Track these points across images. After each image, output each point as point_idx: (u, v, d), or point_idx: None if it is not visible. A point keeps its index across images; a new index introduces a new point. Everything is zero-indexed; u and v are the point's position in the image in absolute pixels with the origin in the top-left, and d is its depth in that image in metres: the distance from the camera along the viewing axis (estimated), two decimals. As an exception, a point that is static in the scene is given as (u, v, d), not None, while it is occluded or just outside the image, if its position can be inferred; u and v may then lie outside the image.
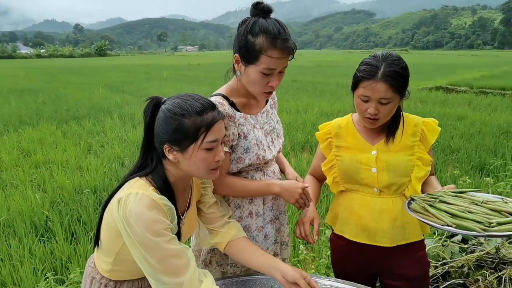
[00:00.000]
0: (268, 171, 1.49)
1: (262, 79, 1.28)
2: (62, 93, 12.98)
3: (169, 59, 53.44)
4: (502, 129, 6.60)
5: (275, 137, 1.51)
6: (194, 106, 1.07)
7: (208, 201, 1.33)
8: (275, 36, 1.22)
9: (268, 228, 1.49)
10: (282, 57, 1.25)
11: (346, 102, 9.94)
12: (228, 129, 1.34)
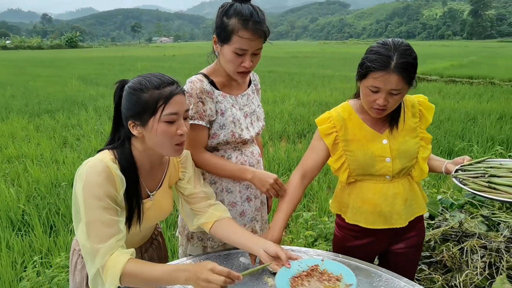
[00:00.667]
0: (247, 151, 1.56)
1: (236, 58, 1.37)
2: (32, 86, 12.57)
3: (144, 50, 52.34)
4: (469, 116, 6.91)
5: (254, 119, 1.58)
6: (152, 81, 1.12)
7: (189, 182, 1.36)
8: (247, 18, 1.31)
9: (245, 206, 1.56)
10: (253, 38, 1.33)
11: (322, 92, 10.10)
12: (206, 104, 1.42)
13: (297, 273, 1.20)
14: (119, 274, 1.05)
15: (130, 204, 1.18)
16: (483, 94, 9.48)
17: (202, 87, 1.41)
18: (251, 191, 1.56)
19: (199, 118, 1.42)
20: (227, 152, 1.52)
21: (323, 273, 1.21)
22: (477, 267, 1.65)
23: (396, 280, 1.24)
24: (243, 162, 1.53)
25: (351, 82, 12.24)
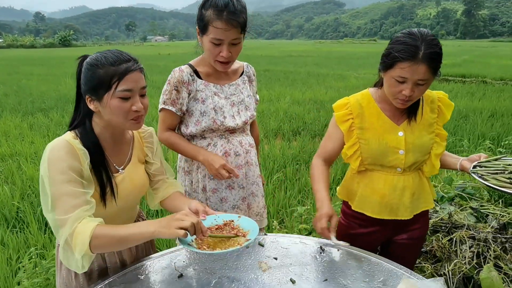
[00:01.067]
0: (234, 140, 1.61)
1: (213, 48, 1.43)
2: (25, 85, 12.47)
3: (138, 49, 52.09)
4: (461, 114, 6.99)
5: (242, 108, 1.62)
6: (108, 57, 1.14)
7: (156, 156, 1.40)
8: (221, 9, 1.37)
9: (226, 193, 1.61)
10: (228, 28, 1.38)
11: (316, 90, 10.15)
12: (180, 93, 1.51)
13: (210, 225, 1.24)
14: (89, 239, 1.05)
15: (100, 178, 1.20)
16: (475, 93, 9.59)
17: (181, 77, 1.50)
18: (234, 180, 1.61)
19: (171, 104, 1.53)
20: (213, 139, 1.58)
21: (234, 228, 1.25)
22: (466, 256, 1.70)
23: (395, 269, 1.28)
24: (228, 150, 1.58)
25: (345, 81, 12.32)
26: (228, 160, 1.59)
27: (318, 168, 1.50)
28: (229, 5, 1.38)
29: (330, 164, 1.54)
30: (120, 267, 1.33)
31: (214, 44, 1.42)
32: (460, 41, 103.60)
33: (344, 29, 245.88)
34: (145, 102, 1.20)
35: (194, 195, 1.65)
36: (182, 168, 1.68)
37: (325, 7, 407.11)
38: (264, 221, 1.75)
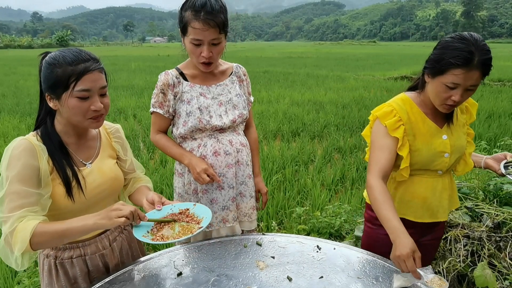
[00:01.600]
0: (224, 139, 1.62)
1: (194, 49, 1.47)
2: (23, 86, 12.48)
3: (137, 50, 52.11)
4: (459, 115, 7.03)
5: (230, 107, 1.63)
6: (67, 57, 1.15)
7: (125, 151, 1.44)
8: (198, 9, 1.39)
9: (216, 194, 1.62)
10: (205, 28, 1.40)
11: (316, 92, 10.19)
12: (166, 95, 1.56)
13: (166, 214, 1.28)
14: (29, 236, 1.05)
15: (64, 173, 1.20)
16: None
17: (166, 80, 1.55)
18: (224, 180, 1.62)
19: (159, 107, 1.58)
20: (203, 140, 1.60)
21: (189, 216, 1.29)
22: (460, 255, 1.73)
23: (386, 264, 1.30)
24: (218, 149, 1.59)
25: (344, 82, 12.36)
26: (218, 159, 1.59)
27: (380, 191, 1.30)
28: (206, 5, 1.39)
29: (386, 180, 1.39)
30: (104, 271, 1.34)
31: (194, 45, 1.45)
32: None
33: (344, 31, 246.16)
34: (105, 101, 1.22)
35: (186, 197, 1.67)
36: (176, 170, 1.71)
37: (324, 9, 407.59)
38: (253, 223, 1.75)
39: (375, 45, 74.38)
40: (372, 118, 1.47)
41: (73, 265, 1.29)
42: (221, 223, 1.64)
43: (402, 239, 1.19)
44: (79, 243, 1.30)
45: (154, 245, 1.41)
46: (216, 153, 1.59)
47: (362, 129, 6.39)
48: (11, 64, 23.34)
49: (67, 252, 1.28)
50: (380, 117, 1.41)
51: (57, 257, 1.28)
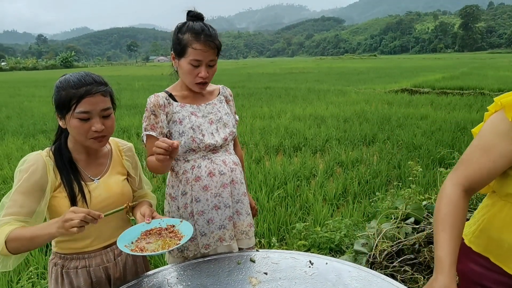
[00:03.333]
0: (217, 160, 1.62)
1: (192, 70, 1.52)
2: (27, 107, 12.64)
3: (141, 69, 52.78)
4: (459, 126, 7.03)
5: (220, 126, 1.66)
6: (71, 80, 1.24)
7: (135, 170, 1.50)
8: (198, 32, 1.48)
9: (213, 214, 1.61)
10: (205, 50, 1.49)
11: (317, 106, 10.24)
12: (158, 117, 1.56)
13: (153, 228, 1.32)
14: (3, 240, 1.12)
15: (70, 187, 1.28)
16: (473, 105, 9.65)
17: (156, 101, 1.56)
18: (220, 199, 1.61)
19: (151, 129, 1.57)
20: (197, 161, 1.60)
21: (174, 231, 1.32)
22: (460, 268, 1.70)
23: (378, 280, 1.29)
24: (212, 170, 1.59)
25: (346, 96, 12.42)
26: (213, 179, 1.60)
27: (451, 202, 0.99)
28: (205, 29, 1.50)
29: (471, 195, 1.04)
30: (107, 283, 1.39)
31: (193, 66, 1.51)
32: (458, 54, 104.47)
33: (345, 45, 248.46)
34: (108, 123, 1.29)
35: None
36: (169, 194, 1.69)
37: (325, 24, 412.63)
38: (251, 240, 1.74)
39: (375, 59, 74.91)
40: (493, 108, 1.04)
41: (78, 275, 1.36)
42: (218, 242, 1.64)
43: (443, 277, 0.92)
44: (85, 254, 1.37)
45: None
46: (211, 173, 1.59)
47: (364, 143, 6.46)
48: (16, 86, 23.70)
49: (73, 262, 1.36)
50: (508, 106, 0.96)
51: (64, 266, 1.36)
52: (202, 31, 1.48)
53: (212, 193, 1.60)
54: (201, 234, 1.61)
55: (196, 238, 1.62)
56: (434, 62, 40.72)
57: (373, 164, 5.17)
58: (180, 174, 1.61)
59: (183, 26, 1.52)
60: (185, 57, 1.51)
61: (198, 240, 1.62)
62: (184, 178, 1.60)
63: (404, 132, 6.77)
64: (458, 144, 5.79)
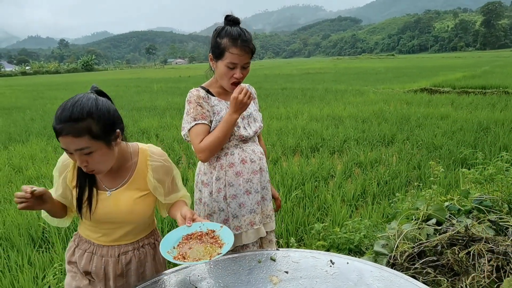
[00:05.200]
0: (248, 149, 1.77)
1: (228, 72, 1.64)
2: (50, 109, 12.99)
3: (159, 72, 53.51)
4: (482, 126, 6.84)
5: (251, 120, 1.81)
6: (57, 111, 1.21)
7: (159, 183, 1.46)
8: (235, 37, 1.61)
9: (244, 198, 1.75)
10: (241, 54, 1.61)
11: (335, 106, 10.15)
12: (203, 107, 1.67)
13: (194, 231, 1.33)
14: None
15: (81, 190, 1.37)
16: (496, 104, 9.38)
17: (198, 94, 1.69)
18: (251, 185, 1.75)
19: (201, 118, 1.67)
20: (230, 149, 1.74)
21: (214, 237, 1.32)
22: (484, 270, 1.66)
23: (402, 280, 1.28)
24: (244, 157, 1.74)
25: (364, 96, 12.28)
26: (245, 166, 1.74)
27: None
28: (241, 34, 1.62)
29: None
30: (103, 277, 1.46)
31: (229, 68, 1.63)
32: (480, 52, 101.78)
33: (362, 45, 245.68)
34: (93, 159, 1.23)
35: (214, 204, 1.76)
36: (201, 181, 1.81)
37: (341, 24, 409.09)
38: (273, 223, 1.90)
39: (393, 58, 73.82)
40: None
41: (83, 256, 1.47)
42: (248, 226, 1.77)
43: None
44: (96, 241, 1.47)
45: None
46: (243, 160, 1.74)
47: (383, 143, 6.37)
48: (39, 89, 24.38)
49: (85, 244, 1.48)
50: None
51: (78, 244, 1.50)
52: (239, 36, 1.60)
53: (244, 179, 1.74)
54: (233, 216, 1.75)
55: (228, 221, 1.75)
56: (454, 61, 39.83)
57: (392, 164, 5.10)
58: (214, 161, 1.74)
59: (222, 31, 1.63)
60: (223, 60, 1.63)
61: (230, 222, 1.75)
62: (218, 164, 1.73)
63: (424, 132, 6.64)
64: (481, 144, 5.64)
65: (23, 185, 1.26)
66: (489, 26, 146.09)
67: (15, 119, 10.97)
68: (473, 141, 5.84)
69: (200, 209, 1.82)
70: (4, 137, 8.26)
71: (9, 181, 5.29)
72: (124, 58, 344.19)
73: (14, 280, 2.78)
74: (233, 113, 1.61)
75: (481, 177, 3.18)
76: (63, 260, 3.02)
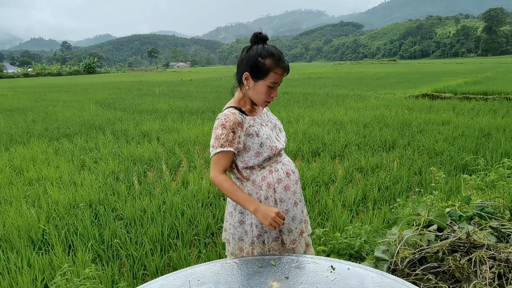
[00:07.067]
0: (284, 160, 1.80)
1: (268, 91, 1.65)
2: (51, 111, 13.02)
3: (161, 75, 53.59)
4: (483, 132, 6.84)
5: (278, 131, 1.84)
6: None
7: None
8: (279, 58, 1.63)
9: (295, 210, 1.76)
10: (284, 74, 1.67)
11: (336, 111, 10.16)
12: (236, 133, 1.64)
13: None
14: None
15: None
16: (498, 110, 9.37)
17: (236, 119, 1.64)
18: (297, 195, 1.79)
19: (229, 145, 1.63)
20: (272, 166, 1.74)
21: None
22: (486, 277, 1.65)
23: (400, 285, 1.27)
24: (287, 170, 1.76)
25: (365, 101, 12.28)
26: (290, 179, 1.76)
27: None
28: (281, 54, 1.65)
29: None
30: None
31: (270, 88, 1.65)
32: (481, 58, 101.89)
33: (364, 50, 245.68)
34: None
35: (265, 228, 1.73)
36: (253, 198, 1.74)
37: (343, 30, 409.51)
38: (309, 226, 1.94)
39: (395, 64, 73.88)
40: None
41: None
42: (299, 236, 1.79)
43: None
44: None
45: None
46: (287, 174, 1.76)
47: (384, 148, 6.36)
48: (41, 91, 24.45)
49: None
50: None
51: None
52: (280, 57, 1.63)
53: (291, 191, 1.76)
54: (288, 231, 1.75)
55: (281, 236, 1.75)
56: (456, 67, 39.87)
57: (393, 170, 5.09)
58: (259, 181, 1.72)
59: (262, 50, 1.63)
60: (265, 79, 1.64)
61: (285, 237, 1.74)
62: (264, 183, 1.71)
63: (425, 138, 6.64)
64: (482, 150, 5.63)
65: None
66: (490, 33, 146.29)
67: (17, 121, 10.99)
68: (475, 147, 5.83)
69: (241, 231, 1.77)
70: (6, 138, 8.27)
71: (10, 183, 5.30)
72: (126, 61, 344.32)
73: (13, 282, 2.77)
74: (255, 210, 1.57)
75: (483, 184, 3.18)
76: (62, 263, 3.02)
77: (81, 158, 6.43)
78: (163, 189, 4.68)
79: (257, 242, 1.73)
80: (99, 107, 13.85)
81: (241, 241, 1.77)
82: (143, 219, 3.79)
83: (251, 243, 1.73)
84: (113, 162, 5.96)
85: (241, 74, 1.67)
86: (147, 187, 4.78)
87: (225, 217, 1.87)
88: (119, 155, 6.48)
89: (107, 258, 3.18)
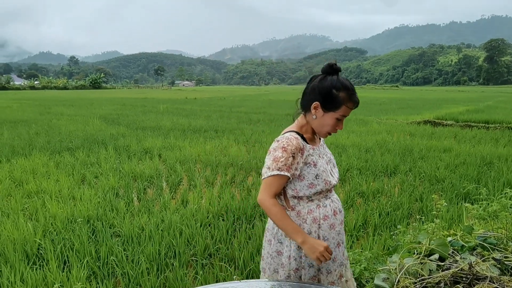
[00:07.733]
0: (333, 197, 1.73)
1: (335, 123, 1.62)
2: (55, 124, 13.09)
3: (166, 93, 54.09)
4: (485, 160, 6.82)
5: (332, 166, 1.75)
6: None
7: None
8: (353, 92, 1.61)
9: (336, 251, 1.68)
10: (354, 108, 1.64)
11: (338, 135, 10.11)
12: (295, 159, 1.59)
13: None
14: None
15: None
16: (499, 139, 9.38)
17: (298, 145, 1.60)
18: (341, 237, 1.70)
19: (286, 170, 1.57)
20: (321, 201, 1.67)
21: None
22: (489, 311, 1.61)
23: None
24: (335, 208, 1.68)
25: (367, 126, 12.32)
26: (337, 218, 1.68)
27: None
28: (354, 88, 1.63)
29: None
30: None
31: (338, 120, 1.62)
32: (483, 87, 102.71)
33: (367, 75, 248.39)
34: None
35: (303, 260, 1.66)
36: (284, 234, 1.69)
37: (347, 55, 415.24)
38: (350, 271, 1.85)
39: (397, 90, 74.53)
40: None
41: None
42: (338, 280, 1.69)
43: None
44: None
45: None
46: (335, 212, 1.68)
47: (385, 174, 6.32)
48: (46, 104, 24.66)
49: None
50: None
51: None
52: (354, 91, 1.62)
53: (336, 231, 1.67)
54: (327, 272, 1.67)
55: (319, 276, 1.66)
56: (457, 95, 40.19)
57: (394, 195, 5.05)
58: (305, 213, 1.65)
59: (337, 83, 1.60)
60: (336, 112, 1.61)
61: (323, 278, 1.66)
62: (310, 217, 1.64)
63: (427, 165, 6.62)
64: (484, 179, 5.60)
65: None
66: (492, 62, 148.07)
67: (20, 133, 11.04)
68: (476, 176, 5.80)
69: (277, 262, 1.70)
70: (8, 150, 8.28)
71: (9, 194, 5.27)
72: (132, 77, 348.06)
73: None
74: (303, 241, 1.54)
75: (485, 213, 3.14)
76: (56, 279, 2.96)
77: (81, 172, 6.41)
78: (162, 207, 4.64)
79: (294, 276, 1.64)
80: (102, 122, 13.92)
81: (275, 273, 1.69)
82: (140, 237, 3.74)
83: (287, 276, 1.64)
84: (113, 177, 5.94)
85: (310, 102, 1.63)
86: (146, 204, 4.74)
87: (263, 245, 1.79)
88: (120, 171, 6.46)
89: (102, 275, 3.13)
